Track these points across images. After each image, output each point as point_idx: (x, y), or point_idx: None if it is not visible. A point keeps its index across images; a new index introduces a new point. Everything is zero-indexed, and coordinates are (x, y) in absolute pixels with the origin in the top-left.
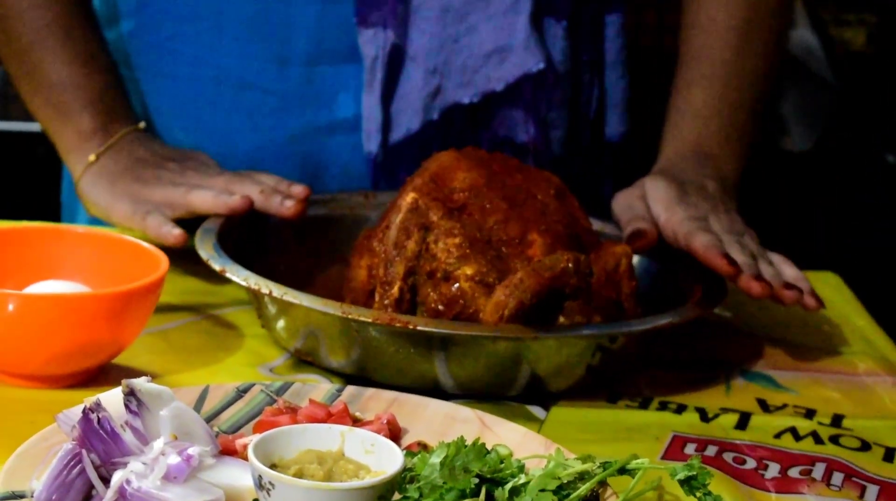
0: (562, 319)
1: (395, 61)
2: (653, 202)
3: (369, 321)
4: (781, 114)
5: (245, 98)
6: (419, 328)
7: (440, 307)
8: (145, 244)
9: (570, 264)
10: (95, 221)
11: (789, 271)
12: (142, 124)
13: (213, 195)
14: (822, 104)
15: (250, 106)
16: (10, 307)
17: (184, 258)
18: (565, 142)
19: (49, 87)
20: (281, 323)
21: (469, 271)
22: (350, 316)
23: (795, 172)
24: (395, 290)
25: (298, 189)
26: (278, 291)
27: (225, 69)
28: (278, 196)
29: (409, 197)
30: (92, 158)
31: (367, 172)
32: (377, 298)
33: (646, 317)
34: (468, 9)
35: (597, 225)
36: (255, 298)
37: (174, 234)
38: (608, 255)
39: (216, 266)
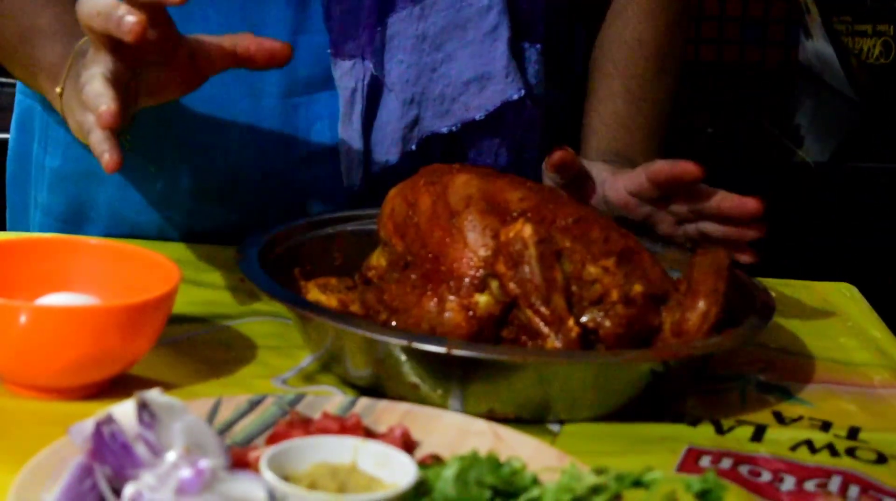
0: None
1: (374, 92)
2: (591, 167)
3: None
4: (797, 125)
5: (221, 136)
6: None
7: (622, 331)
8: (158, 256)
9: (730, 260)
10: (46, 223)
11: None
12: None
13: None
14: (838, 115)
15: (226, 143)
16: (22, 319)
17: (197, 270)
18: (538, 161)
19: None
20: (348, 359)
21: (640, 288)
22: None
23: (811, 184)
24: (572, 324)
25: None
26: (370, 330)
27: (198, 110)
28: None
29: (528, 229)
30: (59, 90)
31: (345, 202)
32: (550, 338)
33: (709, 339)
34: (445, 37)
35: None
36: (310, 329)
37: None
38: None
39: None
